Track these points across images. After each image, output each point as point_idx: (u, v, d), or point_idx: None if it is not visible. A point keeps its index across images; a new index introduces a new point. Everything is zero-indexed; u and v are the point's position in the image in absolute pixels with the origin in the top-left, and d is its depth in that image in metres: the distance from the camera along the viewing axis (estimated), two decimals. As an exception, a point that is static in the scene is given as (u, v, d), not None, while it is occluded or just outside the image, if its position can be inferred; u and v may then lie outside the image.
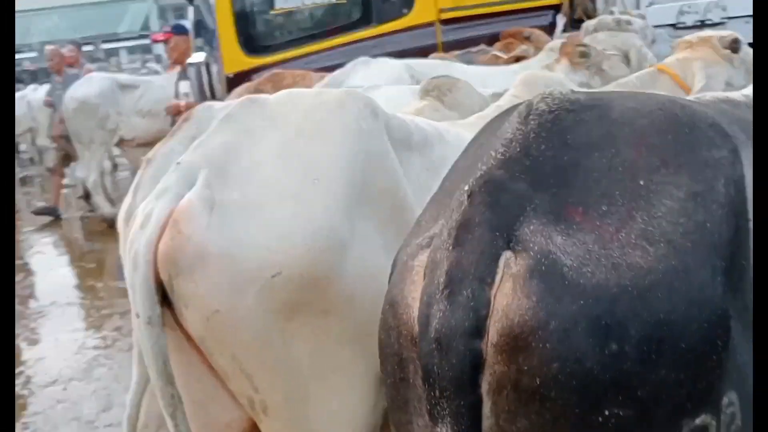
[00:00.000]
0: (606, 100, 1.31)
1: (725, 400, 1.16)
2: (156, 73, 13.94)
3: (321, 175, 1.72)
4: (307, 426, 1.80)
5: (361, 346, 1.81)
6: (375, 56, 4.76)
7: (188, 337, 1.77)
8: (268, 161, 1.73)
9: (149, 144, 4.75)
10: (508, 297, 1.10)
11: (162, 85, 8.35)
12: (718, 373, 1.13)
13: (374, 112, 1.88)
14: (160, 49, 20.55)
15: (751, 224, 1.20)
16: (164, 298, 1.69)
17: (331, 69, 4.76)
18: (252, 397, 1.77)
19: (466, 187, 1.19)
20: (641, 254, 1.10)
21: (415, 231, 1.37)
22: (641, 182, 1.19)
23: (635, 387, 1.07)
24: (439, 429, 1.15)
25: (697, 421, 1.12)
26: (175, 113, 6.07)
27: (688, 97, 1.76)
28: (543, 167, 1.20)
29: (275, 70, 5.15)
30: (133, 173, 4.83)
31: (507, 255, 1.12)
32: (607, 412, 1.08)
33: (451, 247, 1.15)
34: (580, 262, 1.10)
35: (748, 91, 1.69)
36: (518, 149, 1.22)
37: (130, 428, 2.40)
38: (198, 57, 6.45)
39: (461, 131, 2.19)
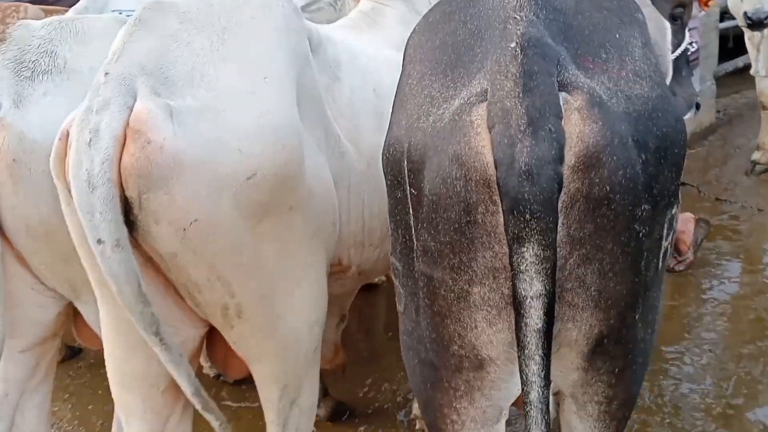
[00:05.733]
0: None
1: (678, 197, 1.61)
2: None
3: (268, 74, 1.72)
4: (278, 320, 1.85)
5: (317, 241, 1.91)
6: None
7: (145, 260, 1.66)
8: (208, 64, 1.67)
9: None
10: (579, 125, 1.34)
11: None
12: (680, 175, 1.55)
13: (296, 10, 1.89)
14: None
15: None
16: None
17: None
18: (227, 303, 1.75)
19: (513, 45, 1.38)
20: (639, 87, 1.46)
21: (425, 101, 1.51)
22: (617, 35, 1.53)
23: (653, 186, 1.42)
24: (525, 248, 1.34)
25: (672, 211, 1.54)
26: None
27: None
28: (551, 28, 1.44)
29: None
30: None
31: (563, 95, 1.36)
32: (642, 207, 1.41)
33: (521, 94, 1.33)
34: (608, 96, 1.40)
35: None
36: (532, 14, 1.44)
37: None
38: None
39: (344, 32, 2.33)
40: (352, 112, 2.14)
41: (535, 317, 1.38)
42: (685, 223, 4.20)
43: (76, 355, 4.08)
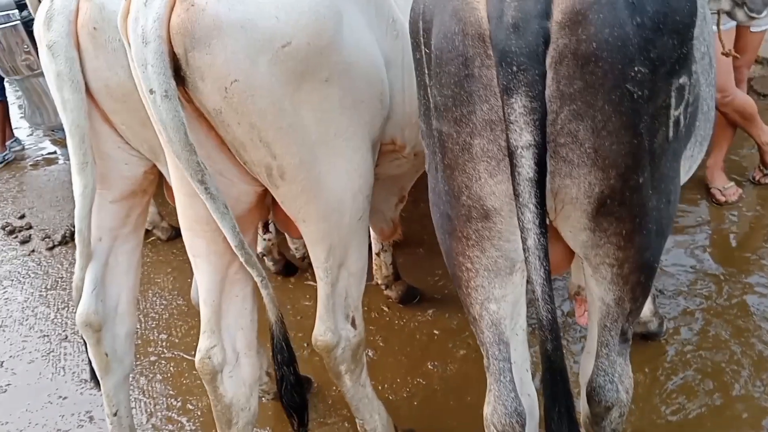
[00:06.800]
0: None
1: (693, 67, 1.63)
2: None
3: None
4: (320, 185, 2.02)
5: (358, 113, 2.02)
6: None
7: (199, 115, 1.84)
8: None
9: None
10: None
11: None
12: (691, 44, 1.58)
13: None
14: None
15: None
16: (175, 75, 1.74)
17: None
18: (270, 163, 1.92)
19: None
20: None
21: None
22: None
23: (650, 49, 1.46)
24: (514, 99, 1.43)
25: (680, 80, 1.57)
26: None
27: None
28: None
29: None
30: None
31: None
32: (636, 68, 1.45)
33: None
34: None
35: None
36: None
37: (84, 243, 2.36)
38: None
39: None
40: None
41: (526, 167, 1.46)
42: (774, 136, 4.10)
43: (180, 235, 4.48)
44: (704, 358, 3.05)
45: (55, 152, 6.49)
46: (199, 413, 3.13)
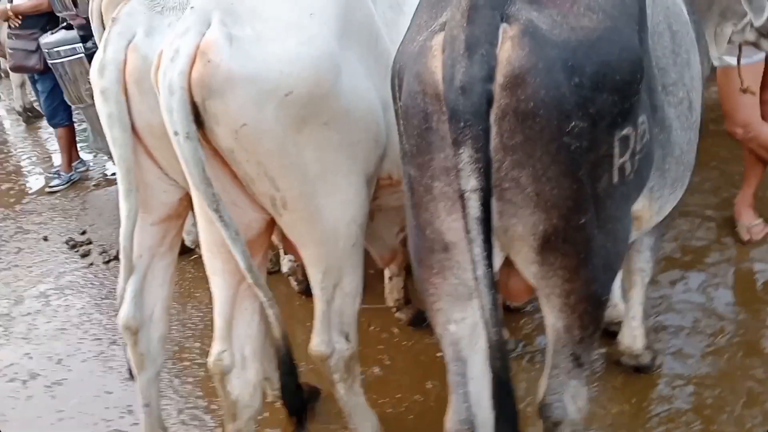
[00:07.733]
0: None
1: (640, 119, 1.82)
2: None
3: (315, 10, 2.12)
4: (318, 214, 2.28)
5: (354, 152, 2.28)
6: None
7: (215, 153, 2.13)
8: (269, 1, 2.09)
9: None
10: (509, 51, 1.63)
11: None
12: (636, 99, 1.76)
13: None
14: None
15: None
16: (195, 119, 2.02)
17: None
18: (274, 195, 2.20)
19: None
20: (588, 20, 1.68)
21: (415, 30, 1.87)
22: None
23: (588, 106, 1.65)
24: (462, 150, 1.66)
25: (623, 132, 1.76)
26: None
27: None
28: None
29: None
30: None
31: (503, 26, 1.65)
32: (573, 123, 1.64)
33: (465, 24, 1.65)
34: (551, 27, 1.66)
35: None
36: None
37: (127, 260, 2.68)
38: None
39: None
40: None
41: (474, 207, 1.68)
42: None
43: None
44: (691, 394, 3.18)
45: (115, 173, 6.92)
46: (221, 413, 3.41)
